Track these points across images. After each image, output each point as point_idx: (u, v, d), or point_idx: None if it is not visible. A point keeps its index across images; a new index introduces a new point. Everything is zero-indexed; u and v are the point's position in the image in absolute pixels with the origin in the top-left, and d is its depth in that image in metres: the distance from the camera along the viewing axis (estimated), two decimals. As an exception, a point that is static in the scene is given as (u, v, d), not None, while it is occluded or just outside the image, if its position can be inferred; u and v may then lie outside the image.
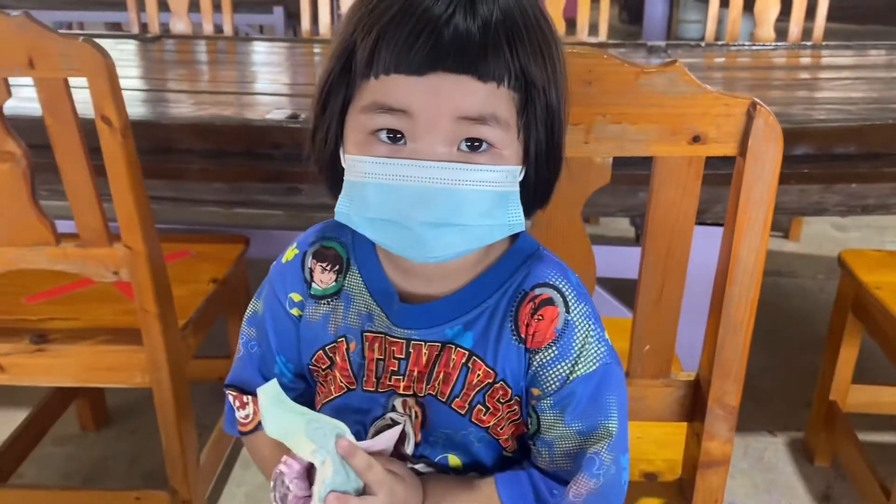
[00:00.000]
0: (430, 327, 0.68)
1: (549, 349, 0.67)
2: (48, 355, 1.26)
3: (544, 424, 0.68)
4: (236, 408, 0.78)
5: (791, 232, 2.79)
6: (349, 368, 0.71)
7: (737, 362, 0.82)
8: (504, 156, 0.60)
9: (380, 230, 0.62)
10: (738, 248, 0.76)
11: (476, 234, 0.61)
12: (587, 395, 0.67)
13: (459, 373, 0.68)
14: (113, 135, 1.08)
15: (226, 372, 1.74)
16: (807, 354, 2.04)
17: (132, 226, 1.15)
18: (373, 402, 0.70)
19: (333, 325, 0.72)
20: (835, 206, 1.64)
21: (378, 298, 0.70)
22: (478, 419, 0.69)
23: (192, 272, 1.48)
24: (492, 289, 0.68)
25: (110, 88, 1.05)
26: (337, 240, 0.73)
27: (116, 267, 1.20)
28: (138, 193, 1.14)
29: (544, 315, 0.67)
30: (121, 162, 1.10)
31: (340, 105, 0.63)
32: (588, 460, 0.67)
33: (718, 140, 0.73)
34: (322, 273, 0.72)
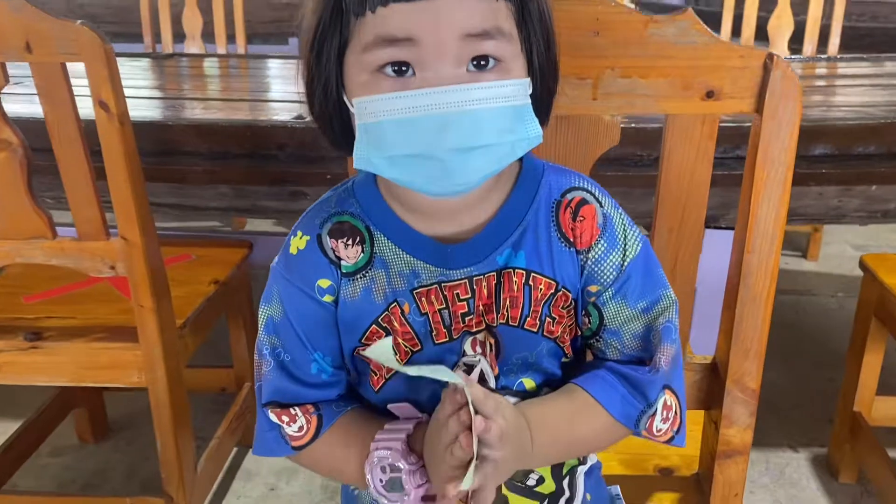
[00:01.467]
0: (482, 260, 0.67)
1: (598, 245, 0.68)
2: (42, 352, 1.23)
3: (608, 316, 0.69)
4: (285, 424, 0.71)
5: (809, 252, 2.74)
6: (411, 331, 0.67)
7: (757, 338, 0.77)
8: (511, 70, 0.59)
9: (404, 168, 0.59)
10: (756, 211, 0.72)
11: (500, 152, 0.60)
12: (640, 273, 0.69)
13: (524, 293, 0.67)
14: (111, 121, 1.06)
15: (228, 382, 1.72)
16: (827, 371, 1.97)
17: (129, 216, 1.12)
18: (447, 354, 0.67)
19: (379, 294, 0.68)
20: (854, 211, 1.59)
21: (417, 254, 0.67)
22: (549, 331, 0.69)
23: (193, 274, 1.45)
24: (523, 208, 0.68)
25: (108, 73, 1.03)
26: (346, 212, 0.69)
27: (113, 261, 1.17)
28: (136, 183, 1.12)
29: (585, 215, 0.68)
30: (118, 149, 1.07)
31: (336, 50, 0.60)
32: (665, 329, 0.69)
33: (733, 95, 0.69)
34: (346, 249, 0.68)
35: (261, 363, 0.71)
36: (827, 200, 1.60)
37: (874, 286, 1.42)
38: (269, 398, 0.71)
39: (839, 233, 2.89)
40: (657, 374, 0.69)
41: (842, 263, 2.70)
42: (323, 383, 0.71)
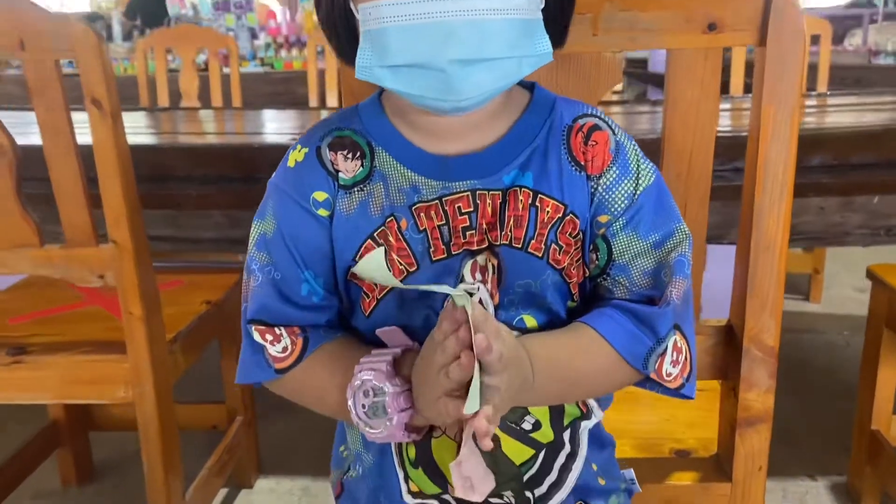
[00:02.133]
0: (487, 175, 0.64)
1: (610, 171, 0.65)
2: (26, 367, 1.18)
3: (617, 249, 0.66)
4: (268, 343, 0.67)
5: (812, 294, 2.71)
6: (408, 248, 0.64)
7: (773, 289, 0.74)
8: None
9: (406, 78, 0.58)
10: (765, 151, 0.70)
11: (505, 68, 0.58)
12: (653, 204, 0.66)
13: (529, 213, 0.64)
14: (103, 118, 1.04)
15: (220, 419, 1.66)
16: (840, 402, 1.91)
17: (120, 218, 1.09)
18: (444, 276, 0.63)
19: (376, 208, 0.65)
20: (857, 228, 1.57)
21: (418, 169, 0.65)
22: (554, 259, 0.65)
23: (185, 296, 1.41)
24: (532, 132, 0.66)
25: (101, 69, 1.03)
26: (348, 128, 0.68)
27: (102, 269, 1.13)
28: (127, 183, 1.10)
29: (597, 140, 0.65)
30: (110, 148, 1.06)
31: None
32: (677, 262, 0.65)
33: (735, 27, 0.68)
34: (346, 162, 0.66)
35: (248, 279, 0.68)
36: (829, 216, 1.59)
37: (884, 295, 1.38)
38: (254, 315, 0.68)
39: (840, 275, 2.87)
40: (668, 306, 0.65)
41: (845, 304, 2.66)
42: (312, 306, 0.67)
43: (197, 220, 1.60)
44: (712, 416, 0.87)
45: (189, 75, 2.98)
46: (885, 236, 1.59)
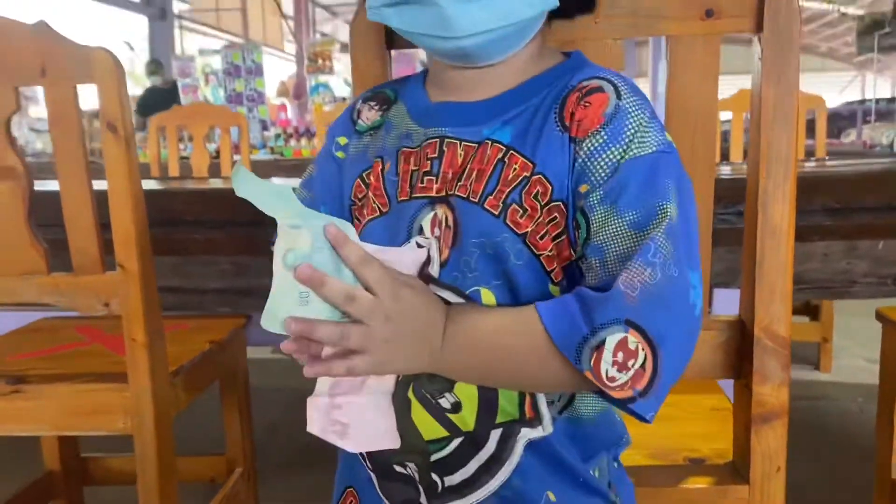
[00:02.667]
0: (465, 126, 0.63)
1: (596, 135, 0.58)
2: (24, 397, 1.16)
3: (594, 225, 0.57)
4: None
5: (822, 364, 2.68)
6: (382, 187, 0.66)
7: (781, 276, 0.73)
8: None
9: (407, 15, 0.60)
10: (767, 134, 0.71)
11: (504, 7, 0.58)
12: (641, 178, 0.57)
13: (494, 168, 0.60)
14: (118, 142, 1.07)
15: (219, 470, 1.61)
16: (858, 465, 1.85)
17: (128, 242, 1.10)
18: (404, 216, 0.63)
19: (372, 152, 0.69)
20: (863, 276, 1.57)
21: (415, 117, 0.68)
22: (513, 221, 0.59)
23: (190, 335, 1.40)
24: (535, 91, 0.63)
25: (118, 96, 1.06)
26: (389, 86, 0.74)
27: (108, 296, 1.13)
28: (137, 208, 1.11)
29: (591, 101, 0.59)
30: (122, 172, 1.08)
31: None
32: (643, 246, 0.55)
33: (733, 14, 0.71)
34: (368, 111, 0.72)
35: None
36: (834, 263, 1.59)
37: (895, 334, 1.36)
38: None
39: (850, 348, 2.84)
40: (611, 292, 0.55)
41: (856, 374, 2.62)
42: None
43: (203, 267, 1.60)
44: (727, 429, 0.85)
45: (200, 151, 3.05)
46: (893, 285, 1.58)
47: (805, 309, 2.69)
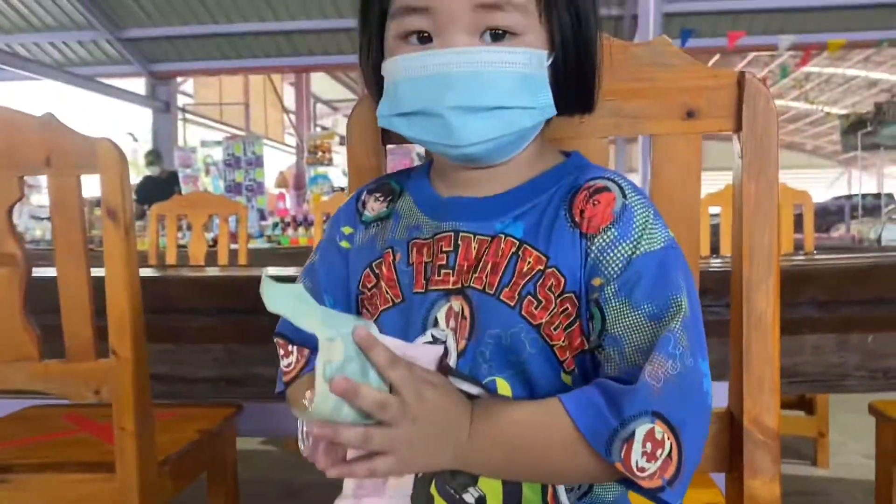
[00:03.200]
0: (478, 220, 0.66)
1: (607, 231, 0.62)
2: (10, 487, 1.14)
3: (610, 317, 0.61)
4: (281, 356, 0.74)
5: (818, 459, 2.63)
6: (395, 279, 0.67)
7: (769, 367, 0.74)
8: (527, 40, 0.63)
9: (414, 124, 0.64)
10: (749, 226, 0.73)
11: (505, 118, 0.62)
12: (653, 272, 0.61)
13: (509, 261, 0.63)
14: (117, 229, 1.09)
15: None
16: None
17: (123, 328, 1.11)
18: (419, 308, 0.65)
19: (381, 242, 0.71)
20: (855, 370, 1.57)
21: (425, 209, 0.70)
22: (528, 312, 0.62)
23: (179, 424, 1.39)
24: (542, 189, 0.67)
25: (119, 183, 1.09)
26: (393, 178, 0.76)
27: (99, 384, 1.13)
28: (133, 294, 1.12)
29: (600, 200, 0.63)
30: (120, 258, 1.09)
31: (378, 20, 0.67)
32: (663, 339, 0.58)
33: (712, 114, 0.74)
34: (374, 202, 0.74)
35: None
36: (826, 356, 1.59)
37: (889, 429, 1.36)
38: (279, 329, 0.74)
39: (847, 444, 2.80)
40: (637, 385, 0.57)
41: (854, 470, 2.58)
42: None
43: (195, 354, 1.60)
44: (720, 524, 0.84)
45: (198, 239, 3.08)
46: (884, 379, 1.58)
47: (800, 403, 2.67)
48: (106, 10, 9.00)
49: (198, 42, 9.40)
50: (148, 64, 9.81)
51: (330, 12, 8.77)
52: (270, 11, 8.85)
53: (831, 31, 8.50)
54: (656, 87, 0.75)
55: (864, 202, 11.52)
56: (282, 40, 9.31)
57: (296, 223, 5.75)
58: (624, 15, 8.36)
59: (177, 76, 10.53)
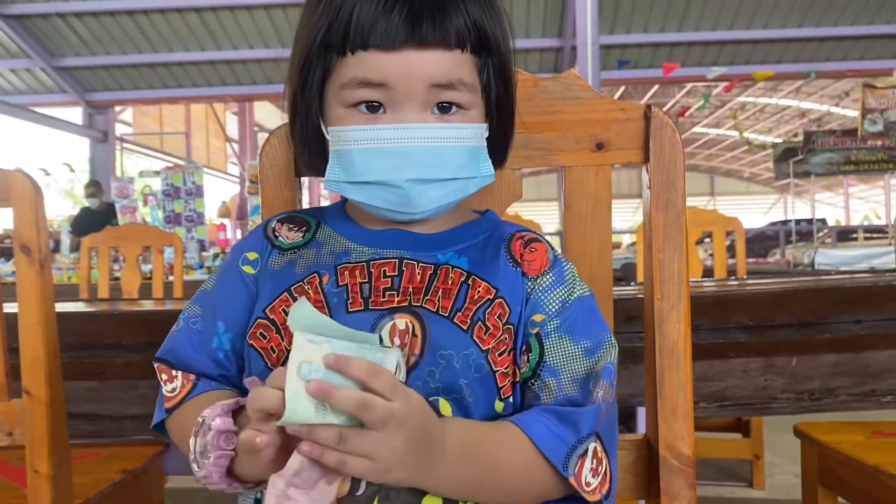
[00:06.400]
0: (421, 251, 0.69)
1: (546, 275, 0.70)
2: (-89, 537, 1.08)
3: (550, 350, 0.68)
4: (163, 382, 0.73)
5: (755, 481, 2.68)
6: (323, 300, 0.68)
7: (682, 394, 0.75)
8: (472, 115, 0.67)
9: (368, 193, 0.66)
10: (659, 256, 0.75)
11: (455, 187, 0.67)
12: (586, 314, 0.70)
13: (460, 289, 0.68)
14: (31, 264, 1.05)
15: None
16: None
17: (37, 367, 1.06)
18: (357, 326, 0.63)
19: (302, 266, 0.71)
20: (781, 392, 1.61)
21: (354, 238, 0.71)
22: (478, 337, 0.66)
23: (101, 465, 1.34)
24: (474, 234, 0.73)
25: (35, 218, 1.05)
26: (303, 213, 0.77)
27: (11, 425, 1.08)
28: (48, 331, 1.08)
29: (536, 248, 0.72)
30: (34, 294, 1.06)
31: (319, 81, 0.68)
32: (606, 368, 0.68)
33: (621, 146, 0.76)
34: (289, 231, 0.75)
35: (173, 328, 0.75)
36: (753, 379, 1.63)
37: (813, 450, 1.39)
38: (160, 354, 0.74)
39: (781, 463, 2.86)
40: (593, 405, 0.65)
41: (789, 490, 2.63)
42: (215, 359, 0.72)
43: (121, 391, 1.55)
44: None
45: (132, 272, 3.01)
46: (809, 401, 1.62)
47: (736, 426, 2.72)
48: (40, 38, 8.80)
49: (137, 71, 9.25)
50: (85, 93, 9.60)
51: (272, 41, 8.74)
52: (212, 40, 8.78)
53: (761, 63, 8.83)
54: (566, 120, 0.77)
55: (798, 227, 11.91)
56: (224, 69, 9.22)
57: (237, 254, 5.66)
58: (563, 46, 8.55)
59: (115, 105, 10.33)
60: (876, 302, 1.54)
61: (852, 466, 1.25)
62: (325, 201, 11.57)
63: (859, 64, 8.85)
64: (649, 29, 8.54)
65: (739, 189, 30.38)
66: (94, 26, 8.58)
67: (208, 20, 8.48)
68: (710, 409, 1.55)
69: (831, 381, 1.58)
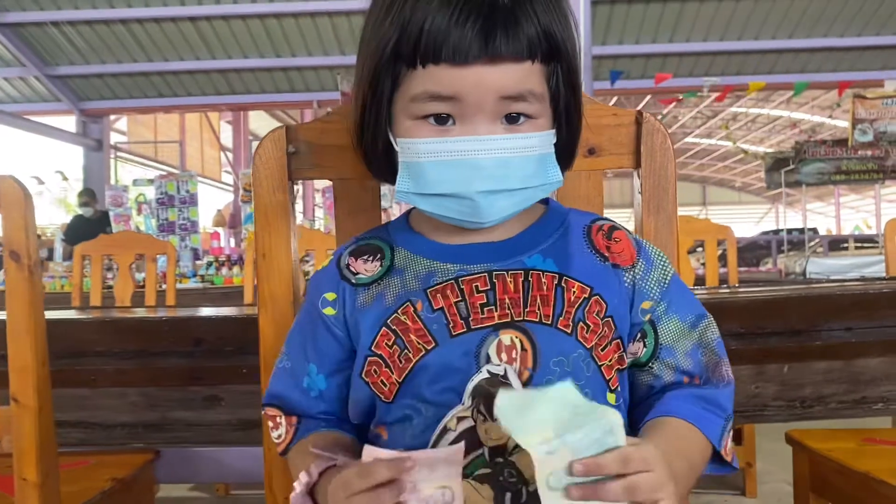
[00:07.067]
0: (505, 259, 0.70)
1: (638, 263, 0.73)
2: None
3: (663, 332, 0.72)
4: (272, 428, 0.77)
5: (747, 489, 2.68)
6: (423, 328, 0.68)
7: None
8: (540, 123, 0.67)
9: (438, 204, 0.67)
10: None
11: (524, 195, 0.67)
12: (681, 290, 0.74)
13: (555, 293, 0.68)
14: (20, 270, 1.05)
15: None
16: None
17: (25, 373, 1.06)
18: (466, 349, 0.66)
19: (391, 298, 0.71)
20: (773, 400, 1.61)
21: (435, 257, 0.71)
22: (582, 337, 0.68)
23: (90, 473, 1.33)
24: (549, 230, 0.73)
25: (24, 224, 1.05)
26: (373, 237, 0.77)
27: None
28: (38, 338, 1.08)
29: (619, 237, 0.73)
30: (23, 300, 1.05)
31: (389, 92, 0.68)
32: (719, 344, 0.73)
33: (612, 152, 0.76)
34: (364, 264, 0.74)
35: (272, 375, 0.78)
36: (745, 385, 1.63)
37: (804, 457, 1.39)
38: (265, 399, 0.77)
39: (773, 471, 2.86)
40: (729, 385, 0.72)
41: (781, 499, 2.63)
42: (311, 397, 0.75)
43: (111, 399, 1.54)
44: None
45: (125, 280, 3.00)
46: (801, 408, 1.62)
47: (729, 434, 2.72)
48: (35, 47, 8.79)
49: (131, 79, 9.24)
50: (79, 101, 9.59)
51: (267, 51, 8.75)
52: (206, 49, 8.78)
53: (753, 74, 8.88)
54: (558, 125, 0.77)
55: (789, 237, 11.96)
56: (218, 78, 9.23)
57: (230, 262, 5.65)
58: (557, 56, 8.56)
59: (109, 114, 10.31)
60: (867, 309, 1.54)
61: (844, 473, 1.25)
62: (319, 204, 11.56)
63: (849, 75, 8.91)
64: (641, 40, 8.59)
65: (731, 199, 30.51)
66: (88, 35, 8.58)
67: (203, 29, 8.49)
68: (701, 417, 1.54)
69: (823, 389, 1.59)
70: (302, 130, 0.82)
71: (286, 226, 0.82)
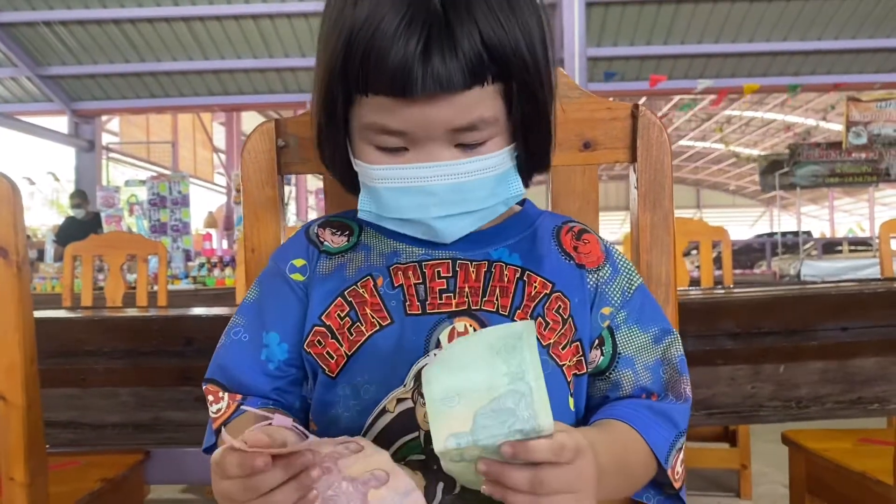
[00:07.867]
0: (472, 249, 0.69)
1: (604, 267, 0.72)
2: None
3: (622, 341, 0.70)
4: (210, 404, 0.71)
5: (742, 490, 2.67)
6: (381, 303, 0.67)
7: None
8: (497, 142, 0.65)
9: (400, 225, 0.67)
10: (646, 256, 0.74)
11: (483, 214, 0.67)
12: (646, 302, 0.72)
13: (516, 286, 0.67)
14: (8, 267, 1.04)
15: None
16: None
17: (13, 372, 1.04)
18: (418, 331, 0.65)
19: (352, 270, 0.70)
20: (769, 400, 1.60)
21: (402, 238, 0.70)
22: (539, 333, 0.67)
23: (80, 474, 1.32)
24: (519, 228, 0.72)
25: (13, 219, 1.04)
26: (343, 217, 0.76)
27: (-14, 433, 1.06)
28: (26, 336, 1.06)
29: (588, 240, 0.73)
30: (12, 297, 1.04)
31: (343, 109, 0.66)
32: (681, 361, 0.71)
33: (608, 146, 0.75)
34: (333, 235, 0.74)
35: (219, 343, 0.73)
36: (741, 386, 1.62)
37: (800, 458, 1.39)
38: (209, 374, 0.72)
39: (768, 472, 2.86)
40: (686, 403, 0.70)
41: (776, 501, 2.63)
42: (266, 372, 0.70)
43: (102, 399, 1.53)
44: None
45: (115, 281, 2.97)
46: (797, 409, 1.61)
47: (723, 435, 2.71)
48: (26, 47, 8.75)
49: (123, 80, 9.20)
50: (71, 102, 9.54)
51: (260, 51, 8.72)
52: (199, 50, 8.75)
53: (747, 76, 8.90)
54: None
55: (784, 239, 11.99)
56: (211, 79, 9.19)
57: (223, 264, 5.63)
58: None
59: (101, 114, 10.27)
60: (862, 309, 1.54)
61: (839, 473, 1.24)
62: (313, 206, 11.53)
63: (843, 78, 8.94)
64: (636, 42, 8.60)
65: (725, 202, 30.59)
66: (80, 35, 8.54)
67: (196, 29, 8.46)
68: (697, 417, 1.54)
69: (819, 389, 1.58)
70: (291, 124, 0.80)
71: (275, 220, 0.81)
